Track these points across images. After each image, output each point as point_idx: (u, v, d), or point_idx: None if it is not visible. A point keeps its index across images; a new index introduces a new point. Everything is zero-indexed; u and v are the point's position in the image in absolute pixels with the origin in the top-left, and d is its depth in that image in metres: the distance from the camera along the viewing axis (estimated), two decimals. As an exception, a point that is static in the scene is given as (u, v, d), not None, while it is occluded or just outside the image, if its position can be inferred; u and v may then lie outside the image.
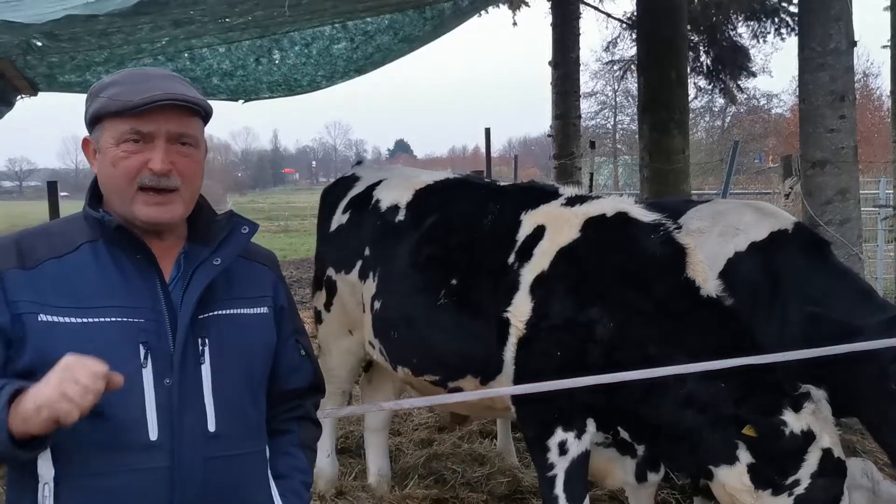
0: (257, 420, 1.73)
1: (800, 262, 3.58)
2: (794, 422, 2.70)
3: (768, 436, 2.70)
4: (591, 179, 9.66)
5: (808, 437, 2.71)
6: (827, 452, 2.72)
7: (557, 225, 3.23)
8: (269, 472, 1.76)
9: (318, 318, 4.39)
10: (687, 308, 2.93)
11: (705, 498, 3.83)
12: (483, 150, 9.60)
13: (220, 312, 1.65)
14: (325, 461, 4.29)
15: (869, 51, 29.42)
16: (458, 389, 3.46)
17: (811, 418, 2.72)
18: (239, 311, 1.69)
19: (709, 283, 2.98)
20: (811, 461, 2.70)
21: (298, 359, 1.83)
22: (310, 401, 1.89)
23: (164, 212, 1.60)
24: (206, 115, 1.67)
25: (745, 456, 2.75)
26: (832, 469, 2.72)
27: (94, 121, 1.62)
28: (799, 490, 2.70)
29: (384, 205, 3.96)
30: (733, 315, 2.95)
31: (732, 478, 2.80)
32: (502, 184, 3.99)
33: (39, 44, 3.75)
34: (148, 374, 1.55)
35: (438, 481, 4.51)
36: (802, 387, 2.78)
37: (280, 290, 1.80)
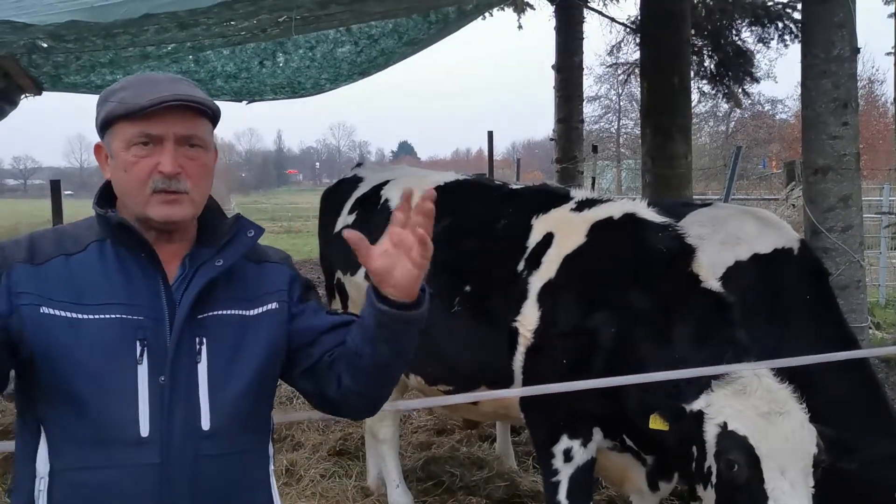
0: (260, 416, 1.73)
1: (801, 289, 3.52)
2: (695, 403, 2.56)
3: (672, 423, 2.58)
4: (594, 183, 9.66)
5: (699, 416, 2.55)
6: (723, 427, 2.50)
7: (564, 231, 3.20)
8: (271, 469, 1.77)
9: None
10: (691, 306, 2.88)
11: (702, 505, 3.82)
12: (486, 152, 9.60)
13: (219, 312, 1.66)
14: (396, 492, 4.10)
15: (874, 57, 29.46)
16: (472, 399, 3.41)
17: (713, 396, 2.55)
18: (241, 311, 1.69)
19: (710, 281, 2.94)
20: (709, 440, 2.53)
21: (340, 316, 1.82)
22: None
23: (176, 210, 1.61)
24: (213, 116, 1.68)
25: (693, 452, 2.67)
26: (730, 445, 2.47)
27: (104, 126, 1.63)
28: (713, 478, 2.54)
29: (394, 204, 3.88)
30: (734, 313, 2.87)
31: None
32: (514, 186, 3.93)
33: (45, 45, 3.76)
34: (143, 371, 1.56)
35: (437, 485, 4.51)
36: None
37: (295, 282, 1.80)
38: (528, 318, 3.10)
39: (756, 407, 2.51)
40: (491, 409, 3.57)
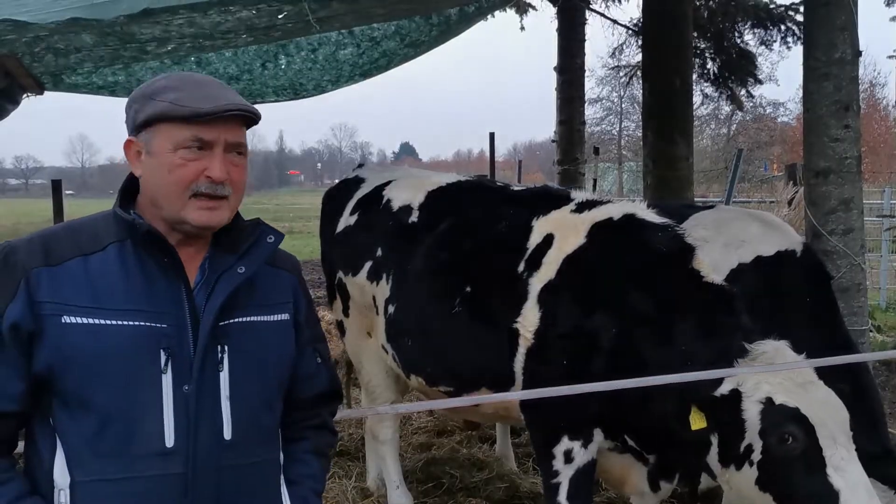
0: (272, 427, 1.74)
1: (802, 292, 3.53)
2: (720, 388, 2.53)
3: (707, 408, 2.54)
4: (595, 185, 9.65)
5: (735, 393, 2.51)
6: (767, 402, 2.46)
7: (564, 232, 3.21)
8: (283, 479, 1.77)
9: (341, 330, 4.26)
10: (695, 301, 2.87)
11: (704, 506, 3.82)
12: (488, 153, 9.59)
13: (241, 319, 1.65)
14: (396, 493, 4.08)
15: (876, 60, 29.49)
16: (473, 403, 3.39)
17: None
18: (260, 318, 1.69)
19: (712, 276, 2.95)
20: (751, 418, 2.49)
21: (315, 366, 1.84)
22: (326, 409, 1.90)
23: (215, 216, 1.61)
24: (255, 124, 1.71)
25: (714, 439, 2.65)
26: (781, 419, 2.42)
27: (147, 123, 1.60)
28: (756, 456, 2.49)
29: (396, 205, 3.89)
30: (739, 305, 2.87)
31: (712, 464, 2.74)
32: (515, 188, 3.93)
33: (46, 43, 3.76)
34: (167, 380, 1.55)
35: (437, 486, 4.51)
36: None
37: (300, 297, 1.81)
38: (529, 319, 3.10)
39: (792, 378, 2.48)
40: (492, 410, 3.58)
